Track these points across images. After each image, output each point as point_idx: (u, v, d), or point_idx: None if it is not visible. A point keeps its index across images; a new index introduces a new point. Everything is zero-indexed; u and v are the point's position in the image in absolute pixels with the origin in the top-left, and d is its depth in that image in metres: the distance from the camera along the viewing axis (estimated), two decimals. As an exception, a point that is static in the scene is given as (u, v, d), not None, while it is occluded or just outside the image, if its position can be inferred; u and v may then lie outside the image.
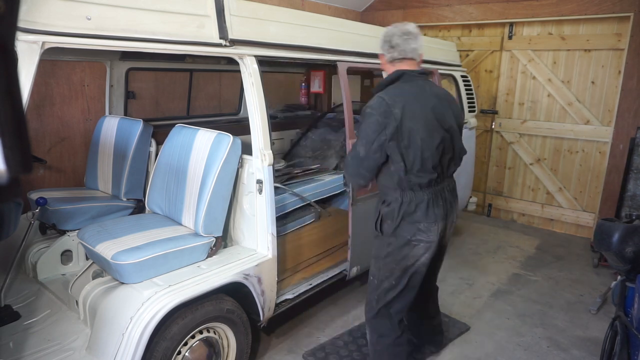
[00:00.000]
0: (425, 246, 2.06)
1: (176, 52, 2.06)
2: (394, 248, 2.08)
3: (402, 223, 2.04)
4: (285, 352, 2.74)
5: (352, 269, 2.88)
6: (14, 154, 0.53)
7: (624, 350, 2.02)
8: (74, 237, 2.74)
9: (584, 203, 4.94)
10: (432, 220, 2.04)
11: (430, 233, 2.04)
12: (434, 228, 2.05)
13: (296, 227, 3.00)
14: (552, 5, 4.65)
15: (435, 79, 3.26)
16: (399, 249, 2.07)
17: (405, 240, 2.05)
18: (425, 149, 1.97)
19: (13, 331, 2.20)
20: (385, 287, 2.14)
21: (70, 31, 1.68)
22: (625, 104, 4.36)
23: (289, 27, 2.53)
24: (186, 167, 2.44)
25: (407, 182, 2.00)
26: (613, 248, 2.24)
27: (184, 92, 4.07)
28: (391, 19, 5.88)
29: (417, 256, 2.07)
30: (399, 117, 1.93)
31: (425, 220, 2.03)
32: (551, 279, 3.88)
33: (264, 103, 2.32)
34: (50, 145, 3.59)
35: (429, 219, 2.03)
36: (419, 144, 1.96)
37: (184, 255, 2.21)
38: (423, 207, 2.02)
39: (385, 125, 1.93)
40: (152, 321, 1.87)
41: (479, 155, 5.40)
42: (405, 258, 2.07)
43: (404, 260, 2.07)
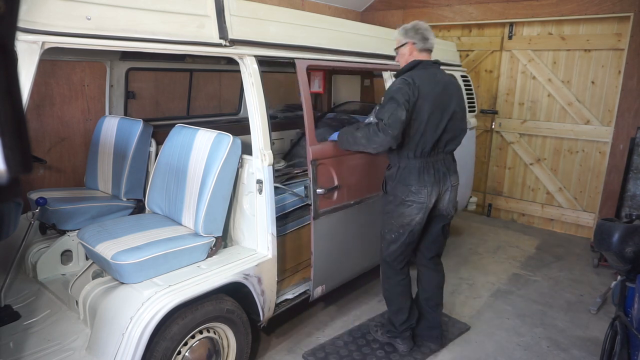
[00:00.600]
0: (418, 207, 2.41)
1: (176, 52, 2.06)
2: (393, 206, 2.47)
3: (398, 185, 2.44)
4: (285, 352, 2.74)
5: (315, 289, 2.66)
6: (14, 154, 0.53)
7: (624, 350, 2.02)
8: (74, 237, 2.74)
9: (584, 203, 4.94)
10: (423, 185, 2.40)
11: (421, 195, 2.41)
12: (423, 191, 2.41)
13: (296, 227, 2.99)
14: (552, 5, 4.65)
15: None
16: (396, 207, 2.45)
17: (400, 199, 2.43)
18: (427, 125, 2.35)
19: (13, 331, 2.20)
20: (387, 239, 2.54)
21: (70, 31, 1.68)
22: (625, 104, 4.37)
23: (289, 27, 2.53)
24: (186, 167, 2.44)
25: (406, 150, 2.39)
26: (613, 248, 2.24)
27: (184, 92, 4.07)
28: (391, 19, 5.88)
29: (412, 215, 2.43)
30: (416, 94, 2.32)
31: (417, 184, 2.40)
32: (551, 279, 3.88)
33: (264, 103, 2.32)
34: (50, 145, 3.59)
35: (421, 182, 2.40)
36: (424, 120, 2.35)
37: (184, 255, 2.21)
38: (415, 172, 2.40)
39: (410, 95, 2.31)
40: (152, 321, 1.87)
41: (479, 155, 5.40)
42: (401, 216, 2.44)
43: (400, 217, 2.45)
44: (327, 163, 2.63)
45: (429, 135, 2.37)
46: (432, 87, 2.37)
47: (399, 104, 2.28)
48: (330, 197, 2.65)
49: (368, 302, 3.34)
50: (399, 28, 2.55)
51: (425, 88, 2.35)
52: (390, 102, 2.32)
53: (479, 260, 4.22)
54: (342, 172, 2.72)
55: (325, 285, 2.74)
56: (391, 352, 2.74)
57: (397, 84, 2.37)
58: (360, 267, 3.11)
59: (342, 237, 2.81)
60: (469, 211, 4.88)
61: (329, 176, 2.65)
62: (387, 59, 3.22)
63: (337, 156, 2.69)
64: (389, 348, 2.77)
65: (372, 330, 2.90)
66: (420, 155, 2.40)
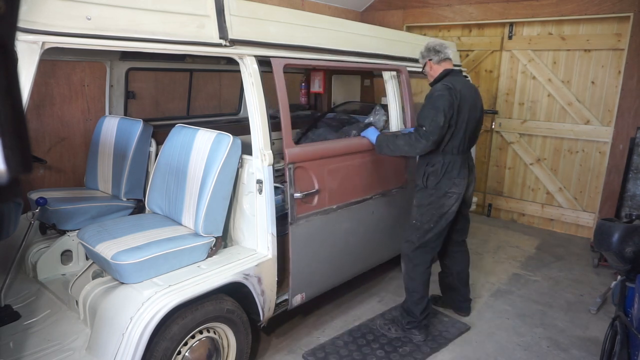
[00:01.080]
0: (456, 196, 2.72)
1: (176, 52, 2.06)
2: (435, 198, 2.71)
3: (443, 179, 2.70)
4: (285, 352, 2.74)
5: (294, 297, 2.55)
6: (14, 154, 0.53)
7: (624, 350, 2.02)
8: (74, 237, 2.74)
9: (584, 203, 4.94)
10: (463, 177, 2.73)
11: (460, 186, 2.72)
12: (463, 182, 2.73)
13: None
14: (552, 5, 4.65)
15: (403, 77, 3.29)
16: (438, 198, 2.71)
17: (443, 191, 2.70)
18: (465, 126, 2.67)
19: (13, 331, 2.20)
20: (425, 228, 2.75)
21: (70, 31, 1.68)
22: (625, 104, 4.36)
23: (289, 27, 2.53)
24: (186, 167, 2.44)
25: (449, 148, 2.67)
26: (613, 248, 2.24)
27: (184, 92, 4.07)
28: (391, 19, 5.88)
29: (450, 205, 2.72)
30: (459, 97, 2.62)
31: (458, 177, 2.71)
32: (551, 279, 3.88)
33: (264, 103, 2.32)
34: (50, 145, 3.59)
35: (461, 175, 2.72)
36: (464, 121, 2.66)
37: (184, 255, 2.21)
38: (457, 166, 2.71)
39: (452, 103, 2.58)
40: (152, 321, 1.87)
41: (479, 155, 5.40)
42: (442, 206, 2.71)
43: (441, 207, 2.72)
44: (307, 166, 2.52)
45: (468, 133, 2.71)
46: (468, 91, 2.70)
47: (438, 110, 2.54)
48: (310, 202, 2.55)
49: (368, 302, 3.34)
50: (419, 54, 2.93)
51: (464, 91, 2.67)
52: (430, 108, 2.58)
53: (479, 260, 4.21)
54: (323, 176, 2.61)
55: (305, 293, 2.62)
56: (391, 352, 2.74)
57: (438, 89, 2.63)
58: (346, 274, 2.99)
59: (323, 243, 2.69)
60: (469, 211, 4.87)
61: (308, 180, 2.54)
62: (387, 59, 3.22)
63: (318, 159, 2.59)
64: (389, 348, 2.77)
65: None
66: (461, 151, 2.72)
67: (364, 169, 2.92)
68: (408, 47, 3.49)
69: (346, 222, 2.84)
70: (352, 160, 2.83)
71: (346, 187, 2.80)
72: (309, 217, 2.55)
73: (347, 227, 2.86)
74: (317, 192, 2.58)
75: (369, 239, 3.09)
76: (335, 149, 2.75)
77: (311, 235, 2.58)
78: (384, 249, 3.30)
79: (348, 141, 2.96)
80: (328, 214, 2.68)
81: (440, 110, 2.54)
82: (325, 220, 2.67)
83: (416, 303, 2.81)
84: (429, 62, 2.85)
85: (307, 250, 2.57)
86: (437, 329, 3.00)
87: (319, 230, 2.65)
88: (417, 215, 2.78)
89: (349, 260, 2.96)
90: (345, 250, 2.89)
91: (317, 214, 2.60)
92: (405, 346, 2.80)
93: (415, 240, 2.78)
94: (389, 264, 3.94)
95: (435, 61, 2.82)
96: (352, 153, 2.85)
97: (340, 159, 2.75)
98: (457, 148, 2.69)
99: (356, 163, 2.87)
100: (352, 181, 2.85)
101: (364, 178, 2.94)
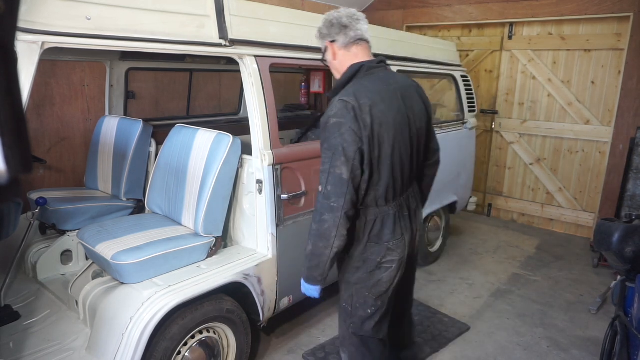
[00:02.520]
0: (397, 266, 1.81)
1: (176, 52, 2.06)
2: (363, 273, 1.80)
3: (369, 245, 1.77)
4: (285, 352, 2.74)
5: (282, 300, 2.51)
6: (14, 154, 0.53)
7: (624, 350, 2.02)
8: (73, 237, 2.74)
9: (584, 203, 4.94)
10: (399, 236, 1.79)
11: (400, 250, 1.80)
12: (402, 244, 1.81)
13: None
14: (552, 5, 4.65)
15: None
16: (369, 273, 1.79)
17: (375, 263, 1.78)
18: (396, 159, 1.71)
19: (13, 331, 2.20)
20: (360, 315, 1.85)
21: (70, 31, 1.68)
22: (625, 104, 4.36)
23: (289, 27, 2.53)
24: (186, 167, 2.44)
25: (374, 197, 1.72)
26: (613, 248, 2.24)
27: (184, 92, 4.07)
28: (391, 19, 5.88)
29: (391, 279, 1.82)
30: (368, 124, 1.62)
31: (394, 238, 1.78)
32: (551, 279, 3.88)
33: (264, 103, 2.32)
34: (50, 145, 3.59)
35: (396, 235, 1.78)
36: (389, 153, 1.68)
37: (183, 255, 2.21)
38: (390, 223, 1.76)
39: (360, 134, 1.61)
40: (152, 321, 1.87)
41: (479, 155, 5.40)
42: (378, 284, 1.80)
43: (377, 286, 1.81)
44: (294, 167, 2.46)
45: (400, 170, 1.75)
46: (388, 103, 1.69)
47: (336, 154, 1.60)
48: (297, 203, 2.50)
49: (368, 302, 3.34)
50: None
51: (379, 107, 1.65)
52: (327, 151, 1.64)
53: (479, 260, 4.22)
54: (310, 177, 2.54)
55: (292, 296, 2.56)
56: (391, 352, 2.73)
57: (332, 113, 1.63)
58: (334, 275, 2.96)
59: None
60: (469, 211, 4.88)
61: (295, 181, 2.48)
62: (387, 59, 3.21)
63: (305, 159, 2.52)
64: (389, 348, 2.77)
65: None
66: (393, 198, 1.76)
67: None
68: (408, 47, 3.49)
69: None
70: None
71: None
72: (293, 218, 2.48)
73: None
74: (304, 194, 2.52)
75: None
76: None
77: (298, 237, 2.49)
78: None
79: None
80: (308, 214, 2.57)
81: (338, 154, 1.60)
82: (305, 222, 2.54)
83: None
84: (330, 44, 1.80)
85: (291, 251, 2.48)
86: (437, 329, 3.00)
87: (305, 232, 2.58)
88: (345, 296, 1.87)
89: None
90: None
91: (304, 214, 2.53)
92: (405, 346, 2.79)
93: (351, 331, 1.89)
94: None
95: (341, 44, 1.77)
96: None
97: None
98: (383, 197, 1.73)
99: None
100: None
101: None
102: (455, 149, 3.99)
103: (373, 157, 1.66)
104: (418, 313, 3.16)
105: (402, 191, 1.81)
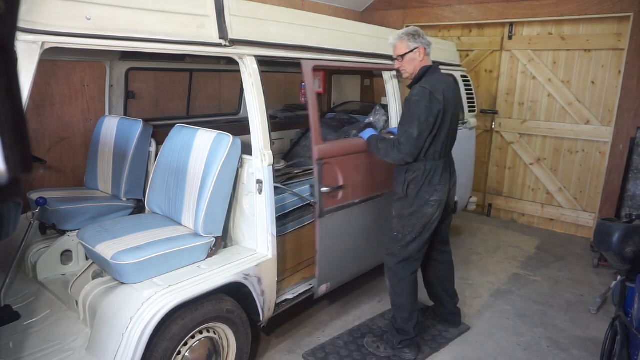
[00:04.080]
0: (438, 203, 2.55)
1: (176, 52, 2.06)
2: (417, 207, 2.54)
3: (424, 186, 2.52)
4: (285, 352, 2.74)
5: (320, 287, 2.68)
6: (14, 154, 0.53)
7: (624, 350, 2.02)
8: (73, 237, 2.74)
9: (584, 203, 4.94)
10: (444, 183, 2.56)
11: (442, 193, 2.56)
12: (444, 189, 2.57)
13: (296, 227, 2.99)
14: (552, 5, 4.65)
15: None
16: (420, 208, 2.53)
17: (424, 200, 2.53)
18: (449, 128, 2.52)
19: (13, 331, 2.20)
20: (408, 239, 2.58)
21: (70, 31, 1.68)
22: (625, 104, 4.37)
23: (289, 27, 2.53)
24: (186, 167, 2.44)
25: (431, 153, 2.50)
26: (613, 248, 2.24)
27: (184, 92, 4.07)
28: (391, 19, 5.88)
29: (432, 213, 2.55)
30: (442, 101, 2.41)
31: (440, 183, 2.54)
32: (551, 279, 3.88)
33: (264, 103, 2.32)
34: (50, 145, 3.59)
35: (442, 181, 2.55)
36: (447, 125, 2.50)
37: (183, 255, 2.21)
38: (439, 172, 2.54)
39: (431, 109, 2.38)
40: (152, 321, 1.87)
41: (479, 155, 5.39)
42: (425, 215, 2.54)
43: (423, 217, 2.54)
44: (333, 162, 2.65)
45: (450, 137, 2.57)
46: (449, 92, 2.50)
47: (412, 120, 2.38)
48: (335, 196, 2.68)
49: (368, 302, 3.34)
50: (400, 34, 2.55)
51: (447, 94, 2.47)
52: (407, 117, 2.41)
53: (479, 260, 4.22)
54: (346, 172, 2.74)
55: (330, 283, 2.77)
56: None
57: (415, 94, 2.42)
58: (363, 266, 3.12)
59: (345, 236, 2.83)
60: (469, 211, 4.88)
61: (334, 175, 2.67)
62: (387, 59, 3.22)
63: (342, 155, 2.72)
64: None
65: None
66: (443, 156, 2.55)
67: (381, 165, 2.94)
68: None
69: (365, 215, 2.96)
70: (372, 157, 2.84)
71: (366, 183, 2.92)
72: (334, 211, 2.68)
73: (366, 220, 2.97)
74: (342, 188, 2.71)
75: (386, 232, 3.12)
76: (357, 146, 2.83)
77: (335, 228, 2.72)
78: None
79: None
80: (350, 207, 2.82)
81: (414, 120, 2.37)
82: (347, 214, 2.80)
83: (406, 320, 2.64)
84: (422, 49, 2.52)
85: (332, 242, 2.70)
86: (437, 329, 3.00)
87: (342, 224, 2.78)
88: (398, 226, 2.61)
89: (367, 253, 3.06)
90: (364, 242, 3.00)
91: (341, 208, 2.73)
92: (405, 346, 2.79)
93: (397, 252, 2.62)
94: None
95: (428, 52, 2.55)
96: None
97: (362, 156, 2.84)
98: (438, 153, 2.52)
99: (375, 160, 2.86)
100: (371, 177, 2.96)
101: (381, 173, 3.01)
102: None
103: (437, 124, 2.43)
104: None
105: (447, 152, 2.61)
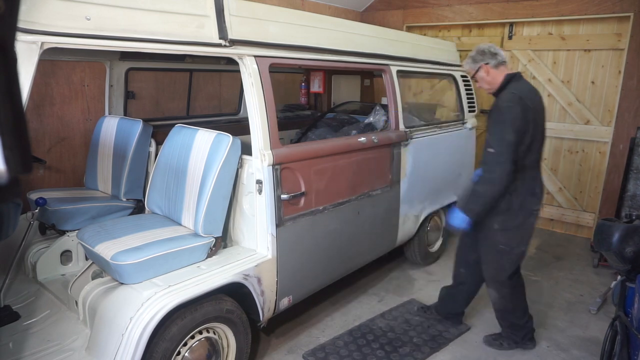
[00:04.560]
0: (537, 213, 2.57)
1: (176, 52, 2.06)
2: (522, 219, 2.52)
3: (527, 196, 2.49)
4: (285, 352, 2.74)
5: (281, 300, 2.50)
6: (14, 154, 0.53)
7: (624, 350, 2.02)
8: (73, 238, 2.74)
9: (584, 203, 4.94)
10: (542, 192, 2.57)
11: (541, 201, 2.58)
12: (542, 198, 2.58)
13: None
14: (552, 5, 4.65)
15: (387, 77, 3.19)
16: (525, 219, 2.53)
17: (529, 211, 2.52)
18: (541, 137, 2.51)
19: (13, 331, 2.19)
20: (516, 252, 2.58)
21: (70, 31, 1.68)
22: (625, 104, 4.37)
23: (288, 27, 2.53)
24: (186, 167, 2.44)
25: (530, 162, 2.46)
26: (613, 248, 2.24)
27: (184, 92, 4.07)
28: (391, 18, 5.88)
29: (534, 223, 2.57)
30: (531, 107, 2.39)
31: (541, 193, 2.55)
32: (551, 279, 3.88)
33: (263, 103, 2.32)
34: (50, 145, 3.59)
35: (542, 190, 2.57)
36: (539, 131, 2.47)
37: (183, 255, 2.20)
38: (539, 181, 2.55)
39: (525, 112, 2.35)
40: (152, 322, 1.87)
41: (479, 155, 5.38)
42: (531, 226, 2.57)
43: (530, 228, 2.57)
44: (293, 167, 2.46)
45: (542, 142, 2.55)
46: (537, 97, 2.49)
47: (506, 125, 2.33)
48: (296, 204, 2.50)
49: (368, 303, 3.34)
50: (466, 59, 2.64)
51: (535, 99, 2.46)
52: (498, 123, 2.38)
53: (478, 260, 4.21)
54: (310, 177, 2.56)
55: (292, 296, 2.57)
56: (391, 352, 2.74)
57: (506, 99, 2.42)
58: (333, 275, 2.93)
59: (310, 245, 2.63)
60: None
61: (294, 181, 2.49)
62: (387, 59, 3.22)
63: (304, 160, 2.53)
64: (389, 348, 2.77)
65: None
66: (538, 165, 2.55)
67: (349, 170, 2.85)
68: (408, 47, 3.49)
69: (333, 222, 2.77)
70: (338, 161, 2.75)
71: (333, 188, 2.74)
72: (295, 219, 2.50)
73: (334, 227, 2.79)
74: (304, 194, 2.53)
75: (355, 239, 3.02)
76: (321, 150, 2.67)
77: (297, 237, 2.52)
78: (370, 248, 3.23)
79: (333, 142, 2.86)
80: (315, 215, 2.62)
81: (508, 125, 2.32)
82: (311, 221, 2.60)
83: (521, 317, 2.76)
84: (485, 66, 2.54)
85: (293, 252, 2.51)
86: (437, 329, 3.00)
87: (305, 232, 2.58)
88: (504, 240, 2.55)
89: (336, 262, 2.89)
90: (332, 251, 2.82)
91: (303, 215, 2.54)
92: (405, 346, 2.80)
93: (507, 266, 2.60)
94: (389, 264, 3.95)
95: (493, 65, 2.52)
96: (337, 154, 2.76)
97: (326, 160, 2.67)
98: (537, 161, 2.50)
99: (341, 164, 2.79)
100: (338, 182, 2.78)
101: (349, 178, 2.86)
102: (456, 149, 3.99)
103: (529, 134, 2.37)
104: (418, 313, 3.16)
105: (540, 160, 2.56)
